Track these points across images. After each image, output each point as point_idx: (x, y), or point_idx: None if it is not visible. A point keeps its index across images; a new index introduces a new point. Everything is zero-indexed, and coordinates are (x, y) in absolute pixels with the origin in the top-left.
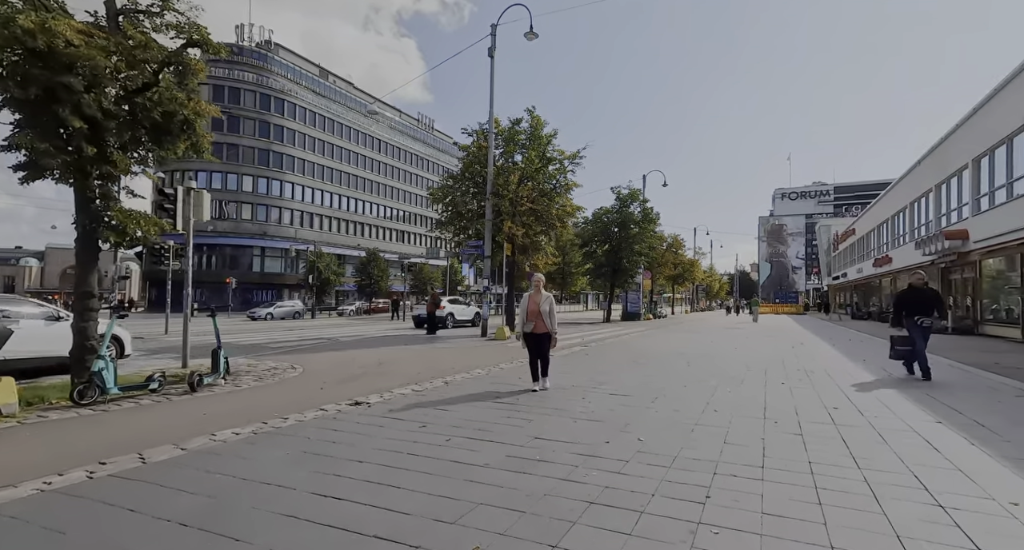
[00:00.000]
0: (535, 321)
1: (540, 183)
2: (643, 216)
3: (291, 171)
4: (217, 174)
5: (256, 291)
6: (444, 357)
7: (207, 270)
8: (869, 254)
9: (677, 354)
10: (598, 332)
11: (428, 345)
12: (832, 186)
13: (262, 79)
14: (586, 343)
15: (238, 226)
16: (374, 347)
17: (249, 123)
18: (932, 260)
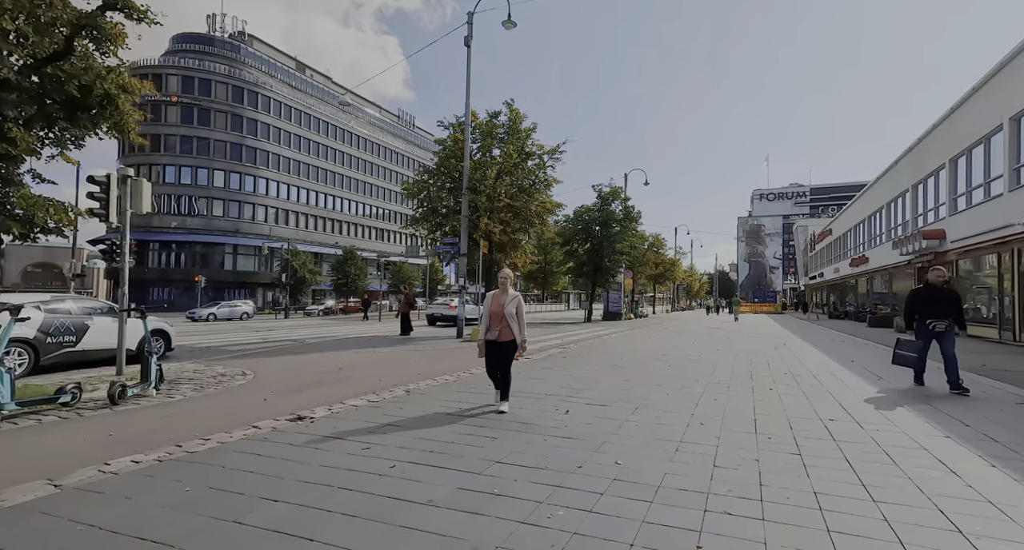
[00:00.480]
0: (499, 327)
1: (519, 179)
2: (625, 215)
3: (265, 166)
4: (186, 168)
5: (229, 290)
6: (412, 361)
7: (176, 268)
8: (846, 254)
9: (659, 356)
10: (578, 332)
11: (399, 348)
12: (808, 187)
13: (235, 71)
14: (565, 344)
15: (209, 223)
16: (340, 350)
17: (221, 116)
18: (909, 260)
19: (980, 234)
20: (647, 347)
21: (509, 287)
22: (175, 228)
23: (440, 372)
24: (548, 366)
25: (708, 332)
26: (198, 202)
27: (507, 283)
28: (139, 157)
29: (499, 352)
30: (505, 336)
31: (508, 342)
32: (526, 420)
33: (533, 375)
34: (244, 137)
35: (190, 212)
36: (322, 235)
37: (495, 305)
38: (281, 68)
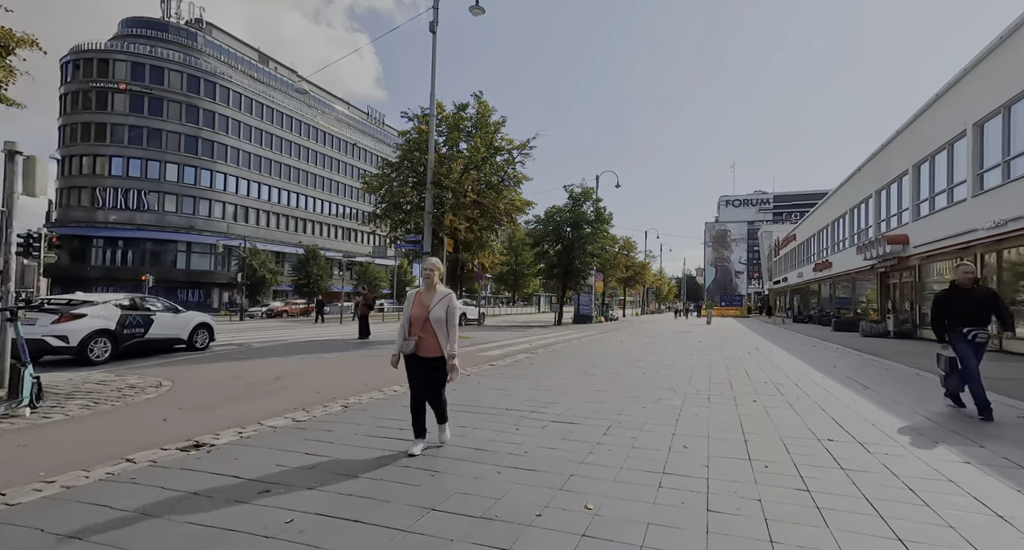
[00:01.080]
0: (422, 335)
1: (487, 174)
2: (596, 216)
3: (223, 160)
4: (135, 160)
5: (181, 290)
6: (362, 369)
7: (123, 267)
8: (809, 259)
9: (632, 362)
10: (548, 336)
11: (352, 353)
12: (772, 194)
13: (190, 59)
14: (533, 349)
15: (161, 219)
16: (286, 356)
17: (175, 106)
18: (872, 265)
19: (944, 239)
20: (619, 352)
21: (437, 282)
22: (122, 223)
23: (390, 382)
24: (513, 374)
25: (680, 336)
26: (148, 196)
27: (434, 277)
28: (83, 146)
29: (423, 372)
30: (429, 349)
31: (435, 359)
32: (479, 445)
33: (495, 385)
34: (200, 129)
35: (139, 206)
36: (284, 234)
37: (417, 307)
38: (242, 59)
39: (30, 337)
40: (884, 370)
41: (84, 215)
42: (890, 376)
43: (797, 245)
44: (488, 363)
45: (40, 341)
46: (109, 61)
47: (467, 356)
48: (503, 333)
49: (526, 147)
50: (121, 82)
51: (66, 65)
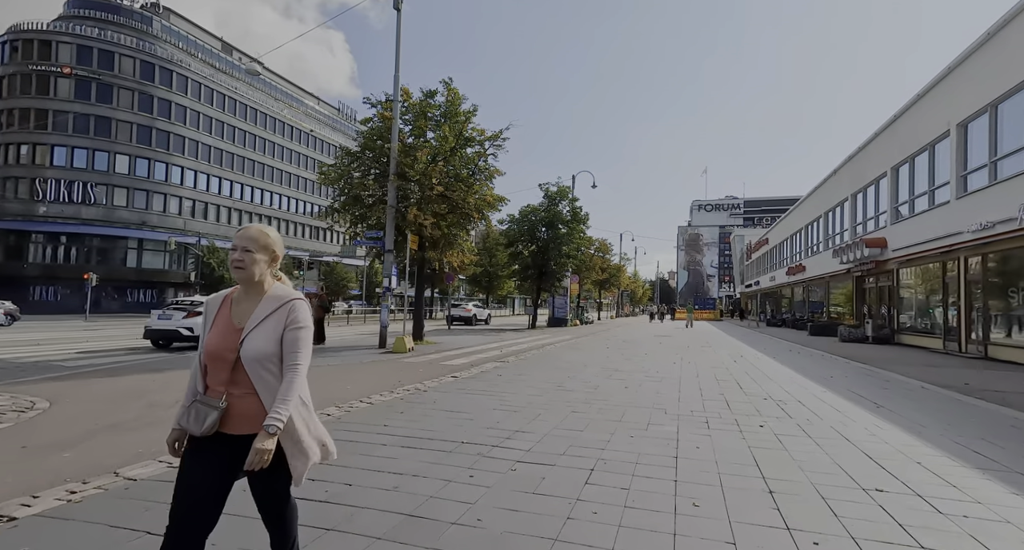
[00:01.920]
0: (233, 393)
1: (456, 167)
2: (572, 216)
3: (180, 153)
4: (81, 150)
5: (132, 290)
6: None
7: (65, 264)
8: (782, 263)
9: (612, 373)
10: (521, 340)
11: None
12: (742, 199)
13: (145, 45)
14: (504, 356)
15: (110, 213)
16: None
17: (126, 94)
18: (848, 268)
19: (925, 242)
20: (597, 360)
21: (266, 275)
22: (66, 218)
23: (327, 400)
24: (478, 389)
25: (659, 341)
26: (95, 189)
27: (256, 265)
28: (21, 133)
29: (220, 472)
30: (243, 421)
31: (247, 437)
32: (413, 507)
33: (454, 405)
34: (154, 119)
35: (85, 200)
36: None
37: (220, 330)
38: (203, 47)
39: (167, 328)
40: (884, 382)
41: (21, 208)
42: (895, 390)
43: (770, 249)
44: (451, 374)
45: (175, 332)
46: (52, 43)
47: (428, 366)
48: (473, 337)
49: (498, 138)
50: (65, 66)
51: (3, 46)
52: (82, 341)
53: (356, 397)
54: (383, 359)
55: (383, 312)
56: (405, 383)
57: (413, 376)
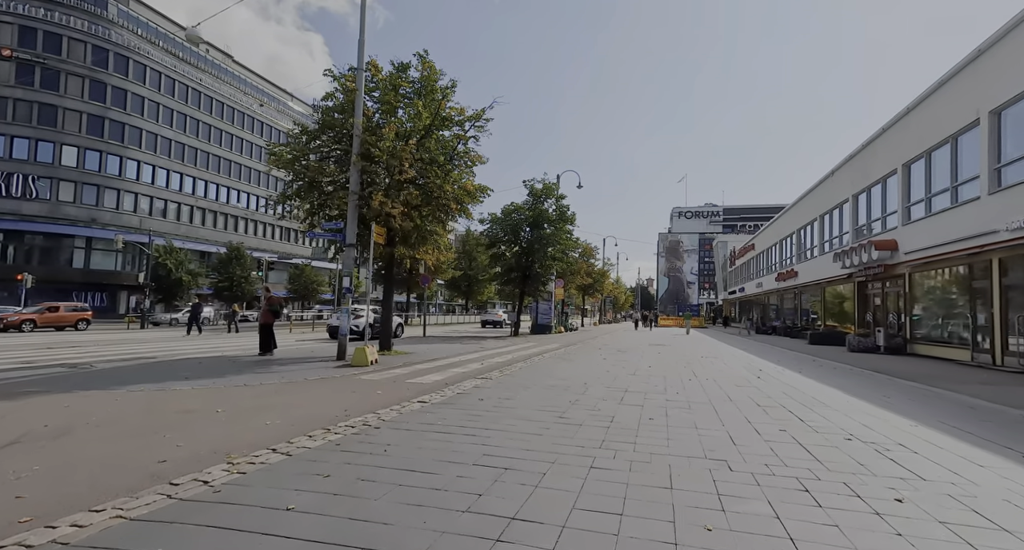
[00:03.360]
0: None
1: (431, 150)
2: (559, 214)
3: (136, 146)
4: (22, 140)
5: (78, 293)
6: (216, 410)
7: (1, 264)
8: (770, 269)
9: (621, 394)
10: (504, 350)
11: (230, 378)
12: (722, 207)
13: (98, 29)
14: (486, 370)
15: (55, 209)
16: (120, 385)
17: (75, 80)
18: (851, 273)
19: (948, 244)
20: (597, 375)
21: None
22: (3, 213)
23: (248, 444)
24: (451, 423)
25: (657, 351)
26: (38, 183)
27: None
28: None
29: None
30: None
31: None
32: None
33: (415, 452)
34: (108, 109)
35: (26, 194)
36: (212, 232)
37: None
38: (165, 35)
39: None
40: (967, 408)
41: None
42: (996, 419)
43: (756, 255)
44: (418, 398)
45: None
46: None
47: (391, 385)
48: (451, 346)
49: (480, 118)
50: (5, 48)
51: None
52: None
53: (273, 440)
54: (336, 375)
55: (342, 317)
56: (354, 413)
57: (367, 401)
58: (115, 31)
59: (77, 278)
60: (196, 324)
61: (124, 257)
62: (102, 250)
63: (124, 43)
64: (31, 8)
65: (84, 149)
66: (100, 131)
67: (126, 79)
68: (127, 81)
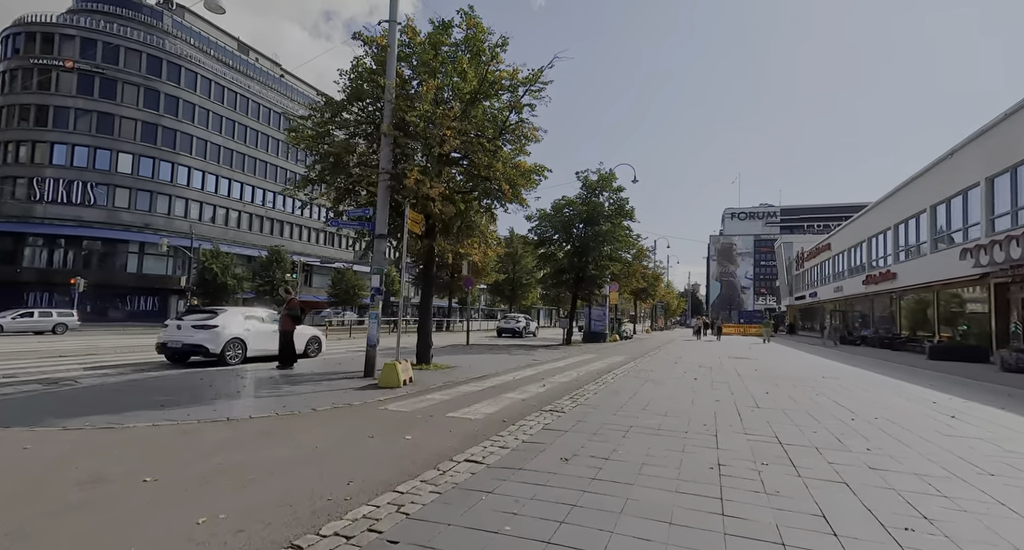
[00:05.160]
0: None
1: (479, 120)
2: (616, 209)
3: (187, 152)
4: (82, 148)
5: (132, 297)
6: (164, 476)
7: (62, 269)
8: (854, 270)
9: (771, 446)
10: (562, 363)
11: (222, 406)
12: (779, 208)
13: (154, 39)
14: (551, 397)
15: (112, 215)
16: (81, 413)
17: (131, 89)
18: (984, 273)
19: None
20: (705, 407)
21: None
22: (64, 219)
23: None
24: (528, 523)
25: (751, 368)
26: (96, 189)
27: None
28: (19, 131)
29: None
30: None
31: None
32: None
33: None
34: (161, 116)
35: (85, 201)
36: (257, 236)
37: None
38: (216, 45)
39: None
40: None
41: (18, 209)
42: None
43: (832, 256)
44: (466, 452)
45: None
46: (55, 36)
47: (424, 425)
48: (498, 358)
49: (537, 80)
50: (68, 60)
51: (8, 39)
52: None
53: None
54: (355, 401)
55: (371, 325)
56: (362, 490)
57: (388, 458)
58: (169, 41)
59: (130, 282)
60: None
61: (174, 262)
62: (153, 255)
63: (177, 52)
64: (93, 21)
65: (138, 156)
66: (153, 138)
67: (178, 87)
68: (179, 89)
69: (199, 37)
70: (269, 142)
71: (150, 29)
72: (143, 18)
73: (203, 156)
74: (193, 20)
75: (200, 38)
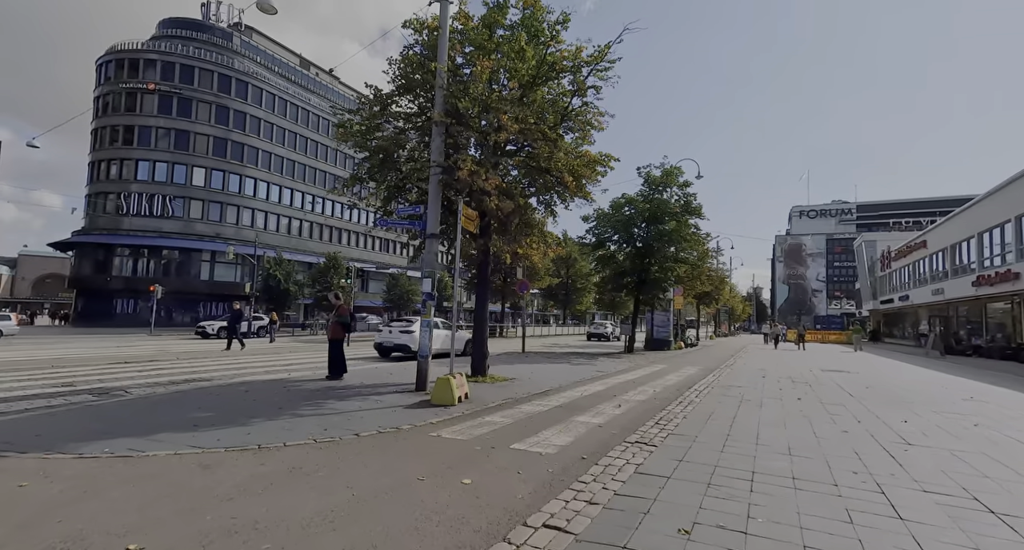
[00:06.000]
0: None
1: (538, 104)
2: (684, 206)
3: (254, 164)
4: (162, 164)
5: (205, 303)
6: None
7: (145, 277)
8: (959, 271)
9: (956, 512)
10: (632, 376)
11: (256, 429)
12: (854, 204)
13: (224, 59)
14: (632, 423)
15: (187, 226)
16: (101, 436)
17: (204, 107)
18: None
19: None
20: (832, 439)
21: None
22: (147, 231)
23: None
24: None
25: (863, 385)
26: (174, 202)
27: None
28: (111, 151)
29: None
30: None
31: None
32: None
33: None
34: (230, 130)
35: (164, 213)
36: (317, 244)
37: None
38: (281, 62)
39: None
40: None
41: (109, 222)
42: None
43: (929, 254)
44: (542, 513)
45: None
46: (140, 61)
47: (491, 455)
48: (559, 368)
49: (603, 58)
50: (150, 82)
51: (102, 66)
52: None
53: None
54: (404, 425)
55: (422, 333)
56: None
57: (442, 527)
58: (237, 60)
59: (204, 289)
60: (236, 335)
61: (242, 269)
62: (223, 263)
63: (245, 70)
64: (172, 45)
65: (211, 170)
66: (223, 152)
67: (245, 102)
68: (246, 104)
69: (264, 55)
70: (328, 152)
71: (221, 49)
72: (215, 40)
73: (267, 168)
74: (259, 40)
75: (265, 56)
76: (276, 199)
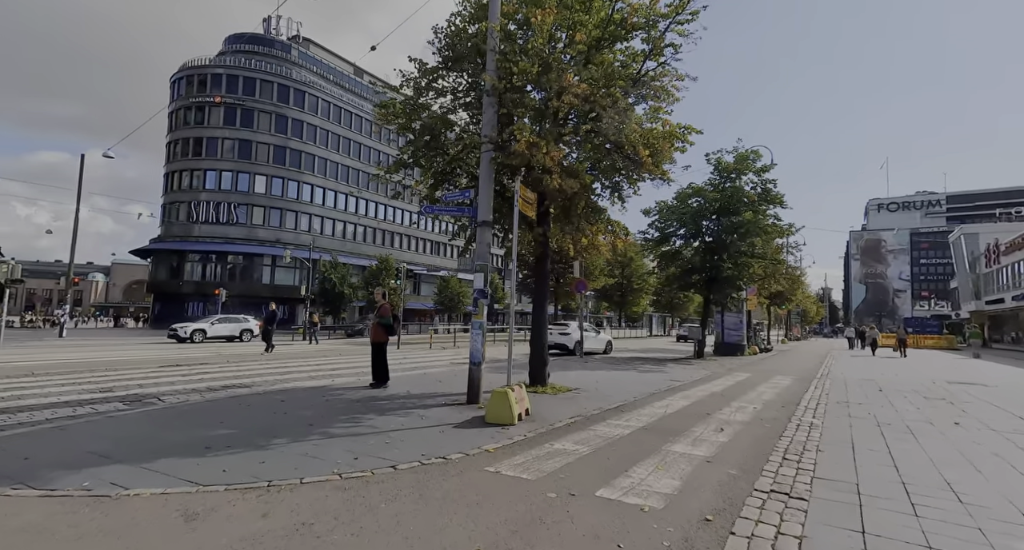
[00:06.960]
0: None
1: (607, 66)
2: (762, 194)
3: (311, 171)
4: (227, 173)
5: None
6: None
7: (212, 281)
8: None
9: None
10: (712, 385)
11: (279, 455)
12: (943, 195)
13: (283, 70)
14: (747, 458)
15: (250, 232)
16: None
17: (265, 117)
18: None
19: None
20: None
21: None
22: (215, 237)
23: None
24: None
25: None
26: (238, 209)
27: None
28: (182, 162)
29: None
30: None
31: None
32: None
33: None
34: (288, 139)
35: (230, 220)
36: (371, 247)
37: None
38: (336, 71)
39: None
40: None
41: (181, 230)
42: None
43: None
44: None
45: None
46: (207, 76)
47: (570, 504)
48: (626, 376)
49: (683, 9)
50: (216, 95)
51: (175, 83)
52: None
53: None
54: (453, 454)
55: (474, 337)
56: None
57: None
58: (296, 70)
59: (265, 293)
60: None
61: (301, 273)
62: (282, 267)
63: (302, 80)
64: (236, 60)
65: (271, 177)
66: (283, 160)
67: (303, 111)
68: (303, 113)
69: (320, 64)
70: (380, 157)
71: (280, 61)
72: (275, 52)
73: (323, 174)
74: (316, 50)
75: (321, 65)
76: (332, 204)
